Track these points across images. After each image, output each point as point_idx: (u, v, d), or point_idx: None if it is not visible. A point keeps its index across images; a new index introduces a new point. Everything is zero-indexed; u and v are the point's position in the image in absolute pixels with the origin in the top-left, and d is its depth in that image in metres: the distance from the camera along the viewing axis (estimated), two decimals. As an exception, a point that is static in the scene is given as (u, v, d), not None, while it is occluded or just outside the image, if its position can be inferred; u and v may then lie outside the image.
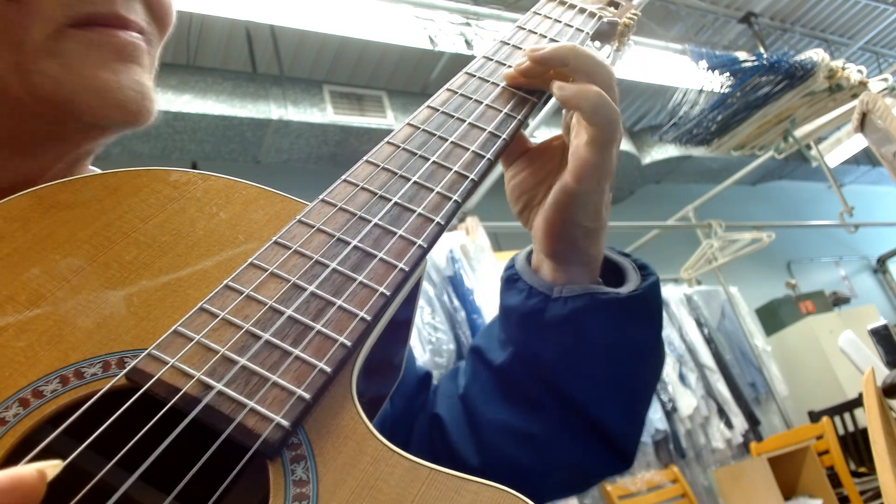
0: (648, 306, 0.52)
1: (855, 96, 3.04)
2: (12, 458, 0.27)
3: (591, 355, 0.51)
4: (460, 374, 0.58)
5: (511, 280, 0.54)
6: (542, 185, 0.54)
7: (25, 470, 0.23)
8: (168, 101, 3.41)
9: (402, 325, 0.44)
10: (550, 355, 0.51)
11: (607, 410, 0.52)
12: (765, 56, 3.08)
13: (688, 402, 3.89)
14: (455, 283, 2.97)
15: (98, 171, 0.50)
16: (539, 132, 3.44)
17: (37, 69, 0.40)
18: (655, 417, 3.71)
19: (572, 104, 0.47)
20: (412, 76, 4.36)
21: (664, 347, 0.56)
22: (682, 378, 4.00)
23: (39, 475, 0.23)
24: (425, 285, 2.87)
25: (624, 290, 0.52)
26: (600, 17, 0.61)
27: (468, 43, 3.03)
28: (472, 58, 0.55)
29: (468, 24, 3.08)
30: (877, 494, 3.19)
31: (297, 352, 0.33)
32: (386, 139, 0.46)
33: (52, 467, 0.24)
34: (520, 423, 0.52)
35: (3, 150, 0.44)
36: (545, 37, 0.57)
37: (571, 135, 0.52)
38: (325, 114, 3.82)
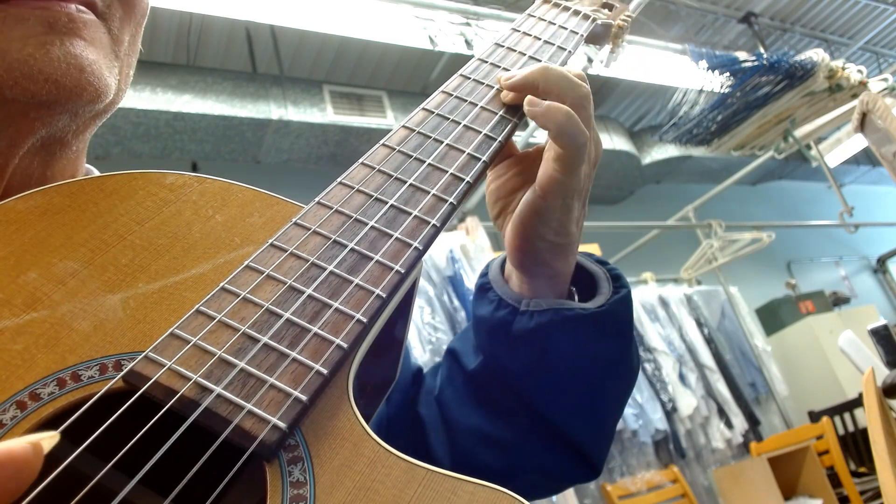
0: (615, 320, 0.52)
1: (855, 96, 3.04)
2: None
3: (556, 368, 0.51)
4: (438, 374, 0.59)
5: (483, 289, 0.55)
6: (517, 192, 0.54)
7: (17, 443, 0.22)
8: (168, 101, 3.41)
9: (398, 326, 0.44)
10: (517, 366, 0.51)
11: (572, 422, 0.52)
12: (765, 56, 3.08)
13: (688, 402, 3.89)
14: (455, 283, 2.97)
15: (96, 172, 0.50)
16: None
17: None
18: (655, 417, 3.71)
19: (540, 123, 0.47)
20: (412, 76, 4.36)
21: (636, 358, 0.56)
22: (682, 378, 4.00)
23: (34, 448, 0.22)
24: (425, 285, 2.87)
25: (592, 304, 0.51)
26: (594, 20, 0.61)
27: (468, 43, 3.02)
28: (472, 58, 0.55)
29: (468, 24, 3.08)
30: (877, 494, 3.19)
31: (293, 354, 0.34)
32: (381, 141, 0.46)
33: (48, 439, 0.23)
34: (490, 428, 0.52)
35: None
36: (539, 39, 0.58)
37: (546, 147, 0.52)
38: (325, 114, 3.82)
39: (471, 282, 2.95)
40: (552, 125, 0.46)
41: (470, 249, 3.09)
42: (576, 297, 0.55)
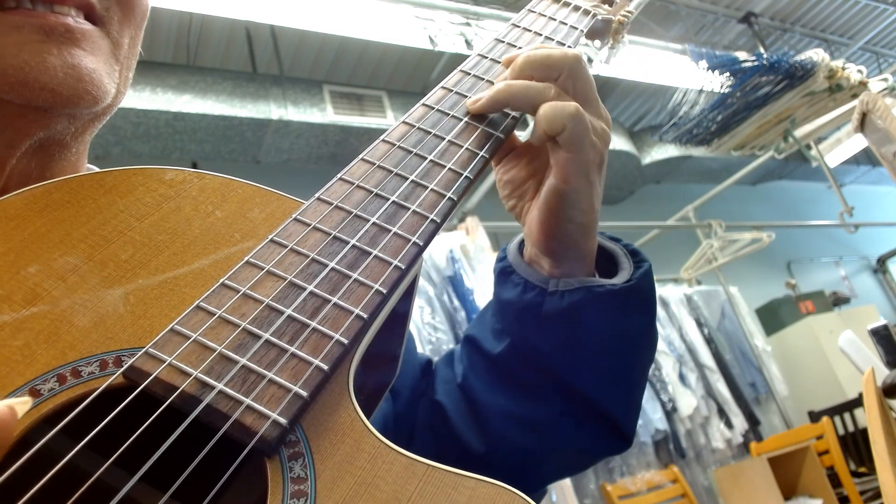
0: (642, 295, 0.53)
1: (855, 96, 3.04)
2: (10, 457, 0.27)
3: (589, 346, 0.51)
4: (456, 361, 0.59)
5: (505, 272, 0.55)
6: (531, 179, 0.54)
7: None
8: (168, 101, 3.41)
9: (399, 318, 0.44)
10: (549, 347, 0.52)
11: (607, 397, 0.53)
12: (765, 56, 3.09)
13: (688, 402, 3.89)
14: (455, 283, 2.97)
15: (96, 169, 0.50)
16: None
17: None
18: (655, 417, 3.72)
19: (538, 129, 0.48)
20: (412, 76, 4.37)
21: (657, 331, 0.57)
22: (682, 378, 4.01)
23: (10, 410, 0.24)
24: (425, 285, 2.87)
25: (618, 280, 0.52)
26: (595, 15, 0.61)
27: (468, 43, 3.03)
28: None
29: (468, 24, 3.09)
30: (877, 494, 3.19)
31: (294, 349, 0.34)
32: (381, 137, 0.46)
33: (21, 404, 0.25)
34: (522, 410, 0.53)
35: None
36: (540, 35, 0.57)
37: None
38: (325, 114, 3.82)
39: (471, 282, 2.95)
40: (544, 122, 0.46)
41: (470, 249, 3.09)
42: (595, 276, 0.55)
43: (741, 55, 3.15)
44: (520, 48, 0.55)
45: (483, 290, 2.91)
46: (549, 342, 0.52)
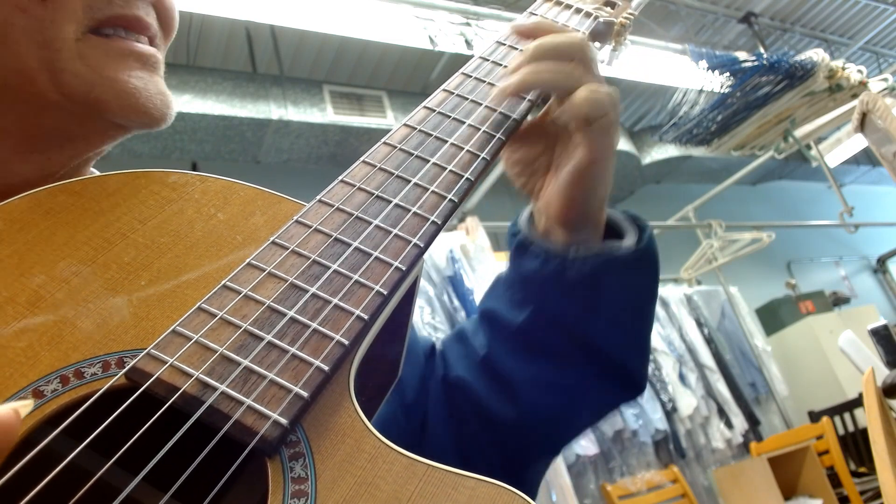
0: (651, 255, 0.57)
1: (855, 96, 3.04)
2: (13, 458, 0.28)
3: (609, 307, 0.55)
4: (472, 336, 0.60)
5: (523, 245, 0.57)
6: (542, 155, 0.56)
7: (1, 409, 0.25)
8: (168, 101, 3.41)
9: (400, 319, 0.44)
10: (572, 311, 0.54)
11: (626, 351, 0.57)
12: (765, 56, 3.09)
13: (688, 402, 3.90)
14: (455, 283, 2.97)
15: (98, 172, 0.51)
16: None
17: (68, 68, 0.42)
18: (655, 417, 3.72)
19: (570, 115, 0.51)
20: (412, 76, 4.36)
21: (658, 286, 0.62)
22: (682, 378, 4.01)
23: (14, 413, 0.25)
24: (425, 285, 2.87)
25: (628, 243, 0.55)
26: (596, 18, 0.61)
27: (468, 43, 3.03)
28: (472, 58, 0.56)
29: (468, 24, 3.09)
30: (877, 494, 3.19)
31: (294, 350, 0.34)
32: (383, 140, 0.46)
33: (24, 406, 0.26)
34: (550, 376, 0.55)
35: (22, 146, 0.45)
36: None
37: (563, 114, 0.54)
38: (325, 114, 3.82)
39: (471, 282, 2.95)
40: (578, 111, 0.49)
41: (470, 249, 3.09)
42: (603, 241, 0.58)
43: (741, 55, 3.15)
44: (522, 51, 0.56)
45: (483, 290, 2.91)
46: (571, 307, 0.54)
